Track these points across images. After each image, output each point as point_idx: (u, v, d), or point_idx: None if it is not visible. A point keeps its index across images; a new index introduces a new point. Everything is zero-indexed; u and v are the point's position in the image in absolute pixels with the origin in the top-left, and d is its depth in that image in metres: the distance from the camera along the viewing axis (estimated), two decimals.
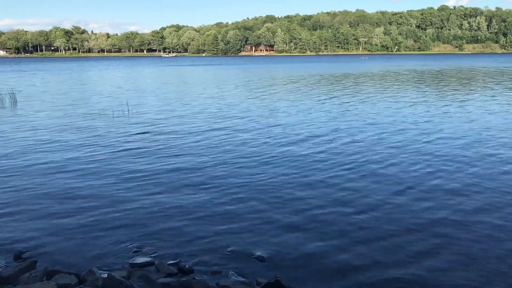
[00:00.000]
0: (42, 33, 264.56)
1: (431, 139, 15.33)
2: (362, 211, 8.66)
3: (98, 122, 19.79)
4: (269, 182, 10.55)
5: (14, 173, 11.45)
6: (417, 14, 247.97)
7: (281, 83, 44.99)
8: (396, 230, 7.78)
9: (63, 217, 8.43)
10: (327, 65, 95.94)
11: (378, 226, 7.94)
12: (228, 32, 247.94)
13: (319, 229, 7.84)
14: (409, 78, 48.98)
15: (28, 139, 15.91)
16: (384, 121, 19.36)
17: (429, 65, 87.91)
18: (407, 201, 9.22)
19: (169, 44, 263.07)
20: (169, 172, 11.48)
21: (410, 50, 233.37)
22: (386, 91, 33.25)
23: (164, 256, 6.90)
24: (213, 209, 8.80)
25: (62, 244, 7.34)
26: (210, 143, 14.93)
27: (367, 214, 8.51)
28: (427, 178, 10.75)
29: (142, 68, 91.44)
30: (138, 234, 7.69)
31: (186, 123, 19.31)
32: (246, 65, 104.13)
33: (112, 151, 13.90)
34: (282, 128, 17.84)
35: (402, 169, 11.62)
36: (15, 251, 7.03)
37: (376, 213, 8.56)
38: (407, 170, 11.51)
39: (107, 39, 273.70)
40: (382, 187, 10.13)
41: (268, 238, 7.49)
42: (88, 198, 9.52)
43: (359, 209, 8.77)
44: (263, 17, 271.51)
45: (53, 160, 12.85)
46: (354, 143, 14.83)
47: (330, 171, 11.42)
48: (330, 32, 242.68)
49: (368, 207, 8.85)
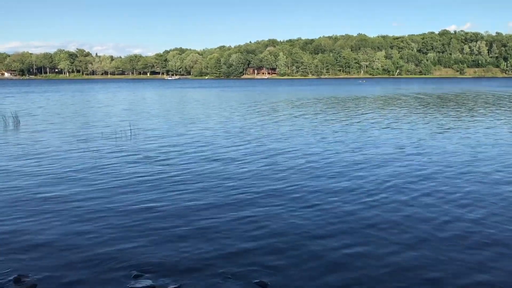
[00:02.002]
0: (46, 55, 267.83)
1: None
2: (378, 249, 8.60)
3: (99, 144, 19.83)
4: (269, 211, 10.51)
5: (12, 196, 11.45)
6: (418, 39, 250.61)
7: (287, 105, 45.19)
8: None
9: (62, 243, 8.38)
10: (326, 88, 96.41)
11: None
12: (230, 55, 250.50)
13: (327, 259, 7.78)
14: (410, 101, 49.19)
15: (27, 161, 15.93)
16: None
17: (432, 88, 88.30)
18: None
19: (172, 67, 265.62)
20: (170, 196, 11.45)
21: (412, 74, 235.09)
22: (392, 114, 33.35)
23: (164, 281, 6.84)
24: (214, 234, 8.75)
25: (62, 268, 7.28)
26: (213, 167, 14.94)
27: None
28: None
29: (146, 90, 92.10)
30: (139, 258, 7.63)
31: (189, 147, 19.31)
32: (249, 87, 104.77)
33: (112, 174, 13.89)
34: (295, 153, 17.84)
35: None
36: (15, 273, 6.99)
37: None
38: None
39: (110, 62, 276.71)
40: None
41: (270, 264, 7.42)
42: (87, 222, 9.48)
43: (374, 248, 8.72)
44: (266, 40, 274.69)
45: (52, 182, 12.85)
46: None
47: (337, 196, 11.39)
48: (331, 55, 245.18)
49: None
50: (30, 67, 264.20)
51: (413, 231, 8.84)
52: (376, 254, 7.79)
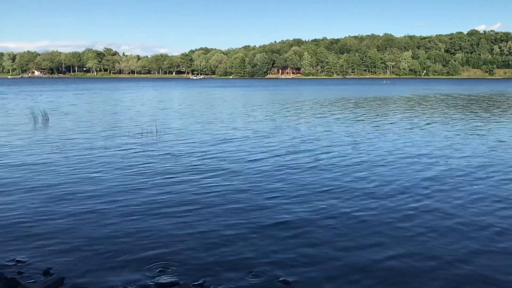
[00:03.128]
0: (75, 54, 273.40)
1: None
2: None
3: (126, 141, 20.12)
4: (300, 213, 10.49)
5: (39, 191, 11.73)
6: (446, 39, 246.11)
7: (317, 105, 45.02)
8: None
9: (90, 236, 8.55)
10: (352, 88, 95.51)
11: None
12: (255, 55, 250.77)
13: (350, 260, 7.73)
14: (437, 103, 48.38)
15: (54, 157, 16.28)
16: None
17: (461, 89, 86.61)
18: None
19: (198, 66, 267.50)
20: (195, 193, 11.54)
21: (439, 74, 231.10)
22: (419, 115, 32.87)
23: (188, 276, 6.91)
24: (239, 232, 8.78)
25: (89, 261, 7.43)
26: (241, 166, 15.00)
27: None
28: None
29: (172, 89, 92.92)
30: (164, 253, 7.72)
31: (215, 144, 19.42)
32: (273, 87, 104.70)
33: (139, 171, 14.09)
34: (329, 153, 17.78)
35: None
36: (44, 267, 7.16)
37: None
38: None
39: (137, 61, 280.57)
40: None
41: (293, 263, 7.41)
42: (114, 217, 9.64)
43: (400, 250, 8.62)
44: (290, 40, 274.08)
45: (80, 178, 13.11)
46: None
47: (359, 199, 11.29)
48: (357, 55, 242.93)
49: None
50: (59, 65, 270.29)
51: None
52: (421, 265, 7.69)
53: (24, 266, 7.22)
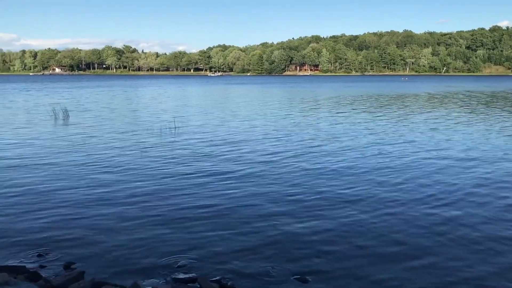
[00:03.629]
0: (95, 51, 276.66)
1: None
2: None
3: (145, 138, 20.30)
4: (317, 209, 10.48)
5: (61, 188, 11.91)
6: (467, 35, 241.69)
7: (336, 103, 44.80)
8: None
9: (110, 231, 8.66)
10: (372, 85, 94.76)
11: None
12: (273, 52, 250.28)
13: (367, 258, 7.68)
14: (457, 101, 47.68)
15: (73, 156, 16.51)
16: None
17: (482, 86, 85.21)
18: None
19: (215, 63, 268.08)
20: (214, 190, 11.60)
21: (459, 71, 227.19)
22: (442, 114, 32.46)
23: (206, 272, 6.95)
24: (258, 228, 8.79)
25: (109, 256, 7.53)
26: (263, 166, 15.01)
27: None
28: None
29: (191, 87, 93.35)
30: (182, 249, 7.78)
31: (233, 143, 19.43)
32: (292, 84, 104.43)
33: (158, 168, 14.21)
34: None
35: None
36: (65, 260, 7.28)
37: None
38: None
39: (156, 58, 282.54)
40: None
41: (312, 260, 7.40)
42: (133, 214, 9.74)
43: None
44: (309, 37, 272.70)
45: (99, 177, 13.27)
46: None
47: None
48: (376, 52, 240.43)
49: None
50: (80, 63, 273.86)
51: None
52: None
53: (45, 260, 7.35)
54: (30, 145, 18.23)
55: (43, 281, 6.11)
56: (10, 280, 5.13)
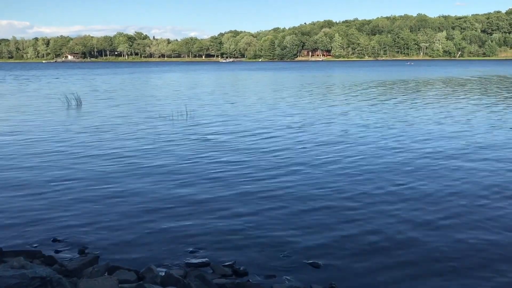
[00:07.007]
0: (106, 38, 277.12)
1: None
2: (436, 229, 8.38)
3: (157, 125, 20.37)
4: (331, 195, 10.46)
5: (79, 172, 12.03)
6: (483, 18, 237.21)
7: (350, 89, 44.49)
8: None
9: (124, 217, 8.74)
10: (386, 69, 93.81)
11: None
12: (285, 37, 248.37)
13: (379, 242, 7.66)
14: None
15: (86, 142, 16.65)
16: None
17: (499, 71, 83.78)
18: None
19: (227, 49, 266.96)
20: (228, 177, 11.63)
21: (474, 55, 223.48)
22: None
23: (219, 257, 6.99)
24: (271, 215, 8.81)
25: (123, 241, 7.61)
26: (276, 152, 15.00)
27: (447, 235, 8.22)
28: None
29: (204, 73, 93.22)
30: (195, 234, 7.83)
31: (246, 130, 19.41)
32: (303, 70, 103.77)
33: (171, 154, 14.28)
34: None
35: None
36: (79, 246, 7.37)
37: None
38: None
39: (167, 45, 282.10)
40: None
41: (324, 246, 7.40)
42: (147, 199, 9.82)
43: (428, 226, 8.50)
44: (321, 22, 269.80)
45: (113, 162, 13.37)
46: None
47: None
48: (389, 37, 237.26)
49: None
50: (92, 50, 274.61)
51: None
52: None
53: (61, 245, 7.45)
54: (52, 131, 18.43)
55: (58, 265, 6.21)
56: (27, 264, 5.21)
